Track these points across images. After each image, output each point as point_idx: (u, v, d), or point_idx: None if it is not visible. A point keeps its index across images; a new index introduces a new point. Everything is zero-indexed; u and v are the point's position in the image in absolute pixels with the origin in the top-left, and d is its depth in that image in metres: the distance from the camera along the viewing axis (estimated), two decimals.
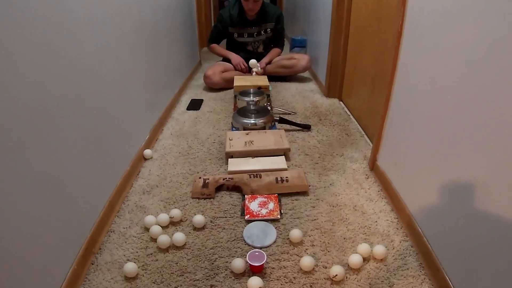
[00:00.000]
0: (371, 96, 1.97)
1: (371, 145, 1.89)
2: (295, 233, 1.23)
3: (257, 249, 1.16)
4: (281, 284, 1.09)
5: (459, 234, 0.98)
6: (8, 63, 0.83)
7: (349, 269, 1.14)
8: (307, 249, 1.22)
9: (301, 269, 1.13)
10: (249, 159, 1.72)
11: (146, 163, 1.77)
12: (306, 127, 2.10)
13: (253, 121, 2.01)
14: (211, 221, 1.35)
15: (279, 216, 1.36)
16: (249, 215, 1.36)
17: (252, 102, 2.28)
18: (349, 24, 2.33)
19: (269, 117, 2.05)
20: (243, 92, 2.39)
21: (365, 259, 1.17)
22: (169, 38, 2.47)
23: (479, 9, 0.88)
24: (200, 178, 1.58)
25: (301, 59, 2.94)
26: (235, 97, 2.48)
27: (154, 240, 1.26)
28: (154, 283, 1.10)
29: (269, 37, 2.99)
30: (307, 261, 1.12)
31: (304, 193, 1.51)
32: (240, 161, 1.71)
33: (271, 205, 1.41)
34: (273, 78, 2.99)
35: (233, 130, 2.05)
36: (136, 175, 1.66)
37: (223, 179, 1.55)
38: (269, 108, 2.32)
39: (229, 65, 2.94)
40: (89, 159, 1.23)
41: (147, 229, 1.30)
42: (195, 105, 2.55)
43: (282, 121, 2.10)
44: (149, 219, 1.31)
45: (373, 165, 1.65)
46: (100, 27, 1.35)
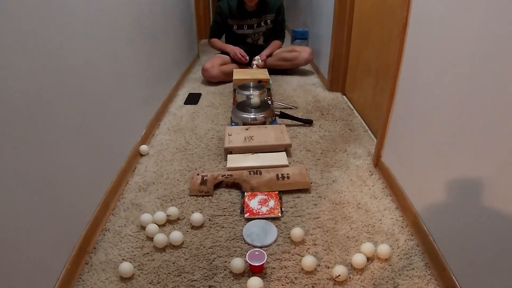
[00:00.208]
0: (375, 89, 1.96)
1: (375, 140, 1.88)
2: (297, 232, 1.23)
3: (257, 249, 1.16)
4: (282, 284, 1.09)
5: (466, 233, 0.97)
6: None
7: (353, 269, 1.14)
8: (309, 249, 1.22)
9: (303, 269, 1.13)
10: (249, 155, 1.72)
11: (142, 159, 1.76)
12: (308, 122, 2.10)
13: (253, 116, 2.00)
14: (210, 220, 1.35)
15: (280, 214, 1.36)
16: (249, 213, 1.36)
17: (252, 96, 2.26)
18: (353, 15, 2.32)
19: (270, 112, 2.05)
20: (243, 85, 2.39)
21: (369, 259, 1.17)
22: (166, 30, 2.46)
23: None
24: (198, 175, 1.57)
25: (302, 52, 2.93)
26: (234, 91, 2.48)
27: (150, 239, 1.26)
28: (150, 283, 1.09)
29: (269, 29, 2.98)
30: (309, 261, 1.11)
31: (305, 191, 1.50)
32: (239, 157, 1.70)
33: (272, 203, 1.41)
34: (273, 71, 2.99)
35: (232, 125, 2.05)
36: (131, 172, 1.66)
37: (222, 176, 1.55)
38: (270, 102, 2.31)
39: (228, 58, 2.94)
40: (83, 156, 1.23)
41: (143, 228, 1.30)
42: (193, 99, 2.55)
43: (283, 115, 2.10)
44: (145, 217, 1.31)
45: (377, 162, 1.64)
46: (95, 19, 1.34)
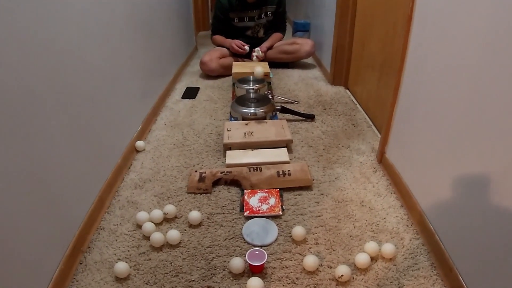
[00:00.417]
0: (379, 83, 1.96)
1: (379, 136, 1.88)
2: (298, 231, 1.23)
3: (257, 248, 1.16)
4: (283, 285, 1.09)
5: (473, 231, 0.97)
6: None
7: (356, 269, 1.13)
8: (310, 248, 1.21)
9: (305, 269, 1.13)
10: (249, 151, 1.72)
11: (138, 156, 1.76)
12: (309, 117, 2.10)
13: (253, 111, 2.00)
14: (208, 218, 1.35)
15: (280, 212, 1.36)
16: (248, 211, 1.36)
17: (252, 90, 2.26)
18: (356, 6, 2.32)
19: (270, 106, 2.04)
20: (242, 79, 2.38)
21: (373, 259, 1.16)
22: (163, 21, 2.45)
23: None
24: (196, 171, 1.57)
25: (304, 44, 2.92)
26: (233, 84, 2.48)
27: (147, 238, 1.25)
28: (146, 284, 1.09)
29: (270, 21, 2.98)
30: (310, 261, 1.11)
31: (307, 188, 1.50)
32: (239, 154, 1.70)
33: (272, 201, 1.40)
34: (274, 64, 2.98)
35: (231, 120, 2.05)
36: (127, 169, 1.65)
37: (221, 173, 1.55)
38: (270, 96, 2.30)
39: (227, 51, 2.93)
40: (76, 152, 1.22)
41: (139, 226, 1.30)
42: (191, 93, 2.54)
43: (284, 110, 2.10)
44: (142, 215, 1.31)
45: (381, 158, 1.64)
46: (89, 10, 1.33)
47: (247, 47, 2.84)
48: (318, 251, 1.20)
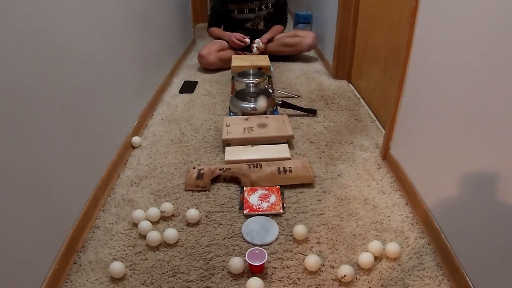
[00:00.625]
0: (383, 77, 1.95)
1: (383, 131, 1.88)
2: (299, 229, 1.23)
3: (257, 247, 1.16)
4: (284, 285, 1.08)
5: (481, 230, 0.96)
6: None
7: (359, 269, 1.13)
8: (312, 247, 1.21)
9: (306, 269, 1.13)
10: (249, 148, 1.71)
11: (134, 152, 1.76)
12: (311, 112, 2.10)
13: (252, 105, 1.99)
14: (206, 216, 1.35)
15: (281, 210, 1.35)
16: (248, 210, 1.36)
17: (251, 84, 2.26)
18: None
19: (271, 101, 2.04)
20: (242, 73, 2.38)
21: (377, 258, 1.16)
22: (160, 13, 2.44)
23: None
24: (194, 168, 1.57)
25: (305, 37, 2.92)
26: (232, 78, 2.48)
27: (143, 237, 1.25)
28: (143, 284, 1.09)
29: (270, 13, 2.98)
30: (312, 260, 1.11)
31: (309, 185, 1.50)
32: (238, 150, 1.70)
33: (273, 198, 1.40)
34: (275, 57, 2.97)
35: (230, 115, 2.05)
36: (123, 165, 1.65)
37: (220, 170, 1.54)
38: (271, 91, 2.30)
39: (226, 43, 2.93)
40: (70, 148, 1.22)
41: (136, 225, 1.30)
42: (189, 87, 2.54)
43: (285, 105, 2.09)
44: (138, 213, 1.31)
45: (385, 154, 1.64)
46: (84, 0, 1.32)
47: (247, 39, 2.83)
48: (320, 251, 1.20)
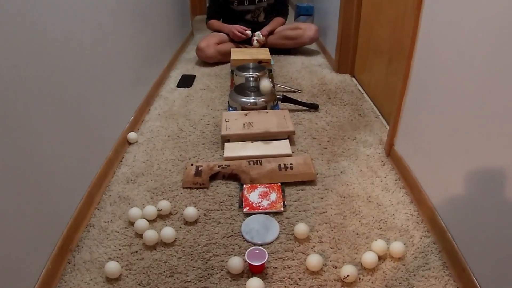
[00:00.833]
0: (387, 71, 1.95)
1: (387, 127, 1.88)
2: (301, 228, 1.22)
3: (257, 247, 1.16)
4: (285, 286, 1.08)
5: (488, 229, 0.96)
6: None
7: (363, 269, 1.13)
8: (314, 246, 1.21)
9: (308, 269, 1.12)
10: (248, 144, 1.71)
11: (130, 148, 1.76)
12: (313, 107, 2.10)
13: (252, 100, 1.99)
14: (205, 214, 1.35)
15: (282, 208, 1.35)
16: (248, 208, 1.36)
17: (251, 78, 2.25)
18: None
19: (271, 96, 2.03)
20: (242, 66, 2.37)
21: (381, 258, 1.16)
22: (157, 5, 2.44)
23: None
24: (192, 165, 1.57)
25: (307, 29, 2.92)
26: (232, 72, 2.48)
27: (139, 236, 1.25)
28: (139, 285, 1.09)
29: (271, 4, 2.97)
30: (314, 260, 1.11)
31: (311, 183, 1.50)
32: (238, 146, 1.70)
33: (273, 196, 1.40)
34: (275, 51, 2.97)
35: (229, 110, 2.04)
36: (119, 162, 1.65)
37: (219, 166, 1.54)
38: (271, 85, 2.28)
39: (225, 36, 2.93)
40: (64, 144, 1.22)
41: (132, 224, 1.29)
42: (187, 81, 2.54)
43: (286, 100, 2.09)
44: (134, 212, 1.31)
45: (390, 150, 1.64)
46: None
47: (249, 32, 2.83)
48: (322, 250, 1.20)
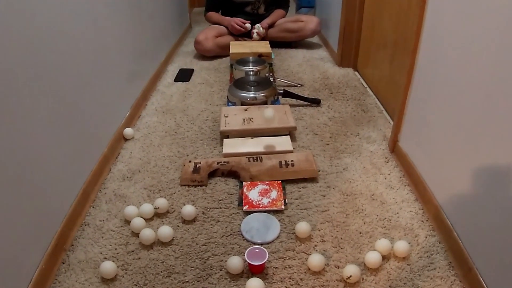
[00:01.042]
0: (391, 65, 1.95)
1: (391, 123, 1.87)
2: (302, 227, 1.22)
3: (257, 246, 1.16)
4: (286, 286, 1.08)
5: (495, 228, 0.96)
6: None
7: (366, 269, 1.13)
8: (316, 246, 1.21)
9: (309, 269, 1.12)
10: (248, 140, 1.71)
11: (126, 144, 1.76)
12: (315, 102, 2.10)
13: (252, 95, 1.99)
14: (203, 213, 1.35)
15: (283, 206, 1.35)
16: (248, 206, 1.36)
17: (251, 72, 2.25)
18: None
19: (272, 90, 2.03)
20: (241, 60, 2.37)
21: (385, 258, 1.16)
22: None
23: None
24: (190, 162, 1.57)
25: (309, 22, 2.92)
26: (231, 66, 2.48)
27: (136, 235, 1.25)
28: (136, 285, 1.09)
29: None
30: (316, 260, 1.11)
31: (312, 180, 1.50)
32: (237, 142, 1.69)
33: (274, 194, 1.40)
34: (276, 44, 2.97)
35: (229, 105, 2.04)
36: (114, 158, 1.65)
37: (217, 163, 1.54)
38: (272, 79, 2.28)
39: (224, 29, 2.94)
40: (58, 140, 1.21)
41: (128, 222, 1.29)
42: (184, 75, 2.54)
43: (286, 94, 2.09)
44: (130, 210, 1.30)
45: (394, 147, 1.64)
46: None
47: (248, 25, 2.82)
48: (324, 249, 1.19)
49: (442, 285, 1.07)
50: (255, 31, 2.83)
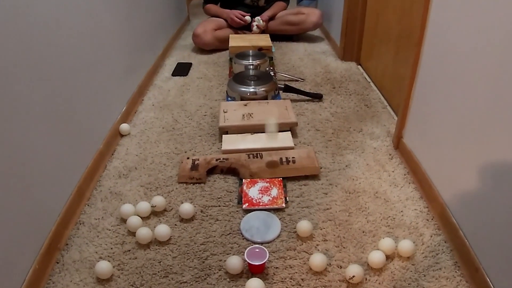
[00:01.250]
0: (395, 58, 1.95)
1: (395, 118, 1.88)
2: (304, 226, 1.22)
3: (257, 245, 1.15)
4: (287, 287, 1.08)
5: (503, 227, 0.96)
6: None
7: (369, 269, 1.13)
8: (318, 245, 1.21)
9: (311, 269, 1.12)
10: (248, 136, 1.71)
11: (122, 141, 1.76)
12: (316, 97, 2.10)
13: (252, 90, 1.99)
14: (202, 211, 1.35)
15: (284, 204, 1.35)
16: (247, 204, 1.36)
17: (251, 66, 2.25)
18: None
19: (272, 85, 2.03)
20: (241, 54, 2.37)
21: (389, 257, 1.16)
22: None
23: None
24: (188, 158, 1.56)
25: (310, 14, 2.92)
26: (230, 60, 2.48)
27: (132, 233, 1.25)
28: (132, 286, 1.09)
29: None
30: (318, 260, 1.11)
31: (314, 177, 1.50)
32: (236, 138, 1.69)
33: (275, 192, 1.40)
34: (277, 37, 2.97)
35: (228, 100, 2.04)
36: (110, 155, 1.65)
37: (216, 160, 1.54)
38: (272, 73, 2.29)
39: (223, 21, 2.94)
40: (52, 136, 1.21)
41: (124, 221, 1.29)
42: (182, 70, 2.54)
43: (287, 89, 2.09)
44: (127, 208, 1.30)
45: (398, 143, 1.64)
46: None
47: (248, 18, 2.81)
48: (326, 249, 1.19)
49: (448, 286, 1.07)
50: (255, 24, 2.82)
